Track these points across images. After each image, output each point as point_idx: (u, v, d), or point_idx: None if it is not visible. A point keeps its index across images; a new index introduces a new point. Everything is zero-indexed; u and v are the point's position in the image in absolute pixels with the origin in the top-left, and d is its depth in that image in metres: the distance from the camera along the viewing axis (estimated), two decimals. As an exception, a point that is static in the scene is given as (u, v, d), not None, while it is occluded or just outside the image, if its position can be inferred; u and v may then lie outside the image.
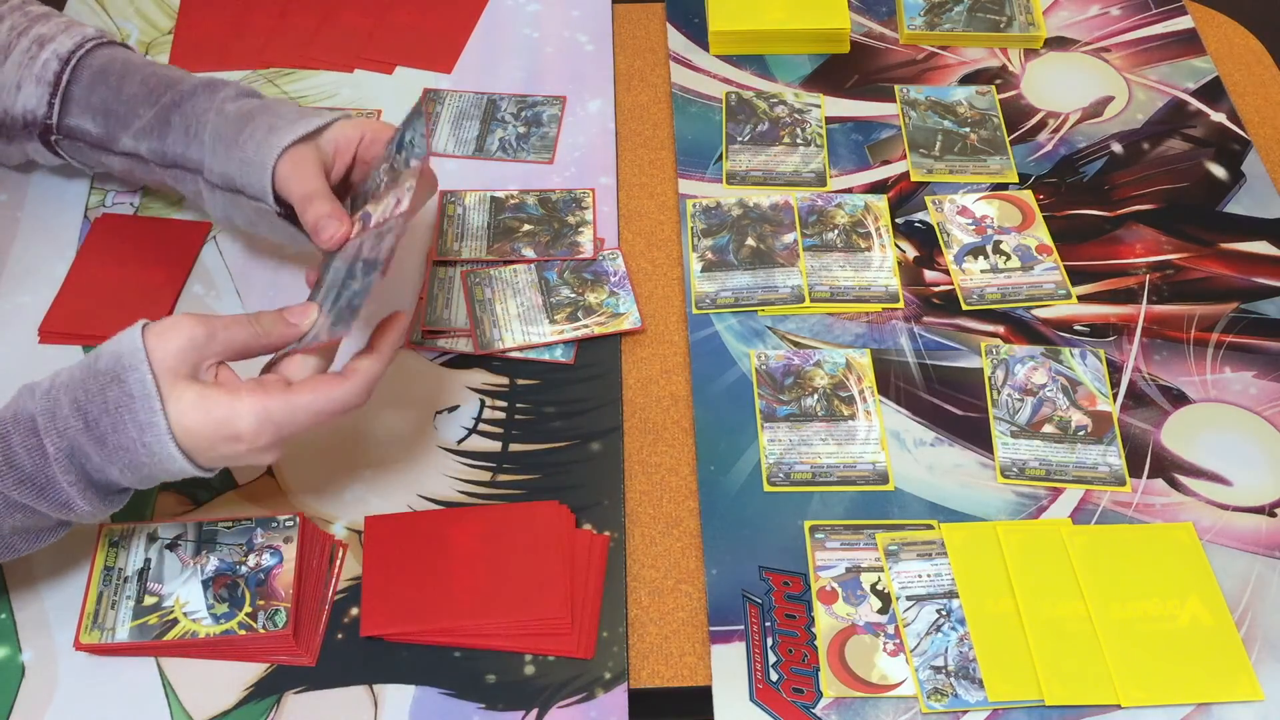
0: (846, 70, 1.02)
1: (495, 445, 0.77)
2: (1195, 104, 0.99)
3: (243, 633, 0.67)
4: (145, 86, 0.79)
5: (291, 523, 0.71)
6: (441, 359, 0.82)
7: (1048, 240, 0.89)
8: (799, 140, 0.95)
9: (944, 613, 0.69)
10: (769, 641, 0.68)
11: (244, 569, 0.69)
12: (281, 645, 0.67)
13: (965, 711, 0.66)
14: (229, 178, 0.76)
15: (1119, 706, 0.66)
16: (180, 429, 0.61)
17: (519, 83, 1.00)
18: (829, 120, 0.97)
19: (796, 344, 0.83)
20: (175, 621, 0.67)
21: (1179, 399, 0.80)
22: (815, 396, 0.79)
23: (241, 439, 0.62)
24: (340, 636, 0.69)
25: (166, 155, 0.79)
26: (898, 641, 0.68)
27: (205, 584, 0.68)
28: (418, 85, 0.99)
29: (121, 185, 0.91)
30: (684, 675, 0.69)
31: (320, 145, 0.75)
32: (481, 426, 0.78)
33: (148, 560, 0.70)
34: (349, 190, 0.77)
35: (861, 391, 0.80)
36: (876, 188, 0.92)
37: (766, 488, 0.75)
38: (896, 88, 1.00)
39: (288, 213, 0.75)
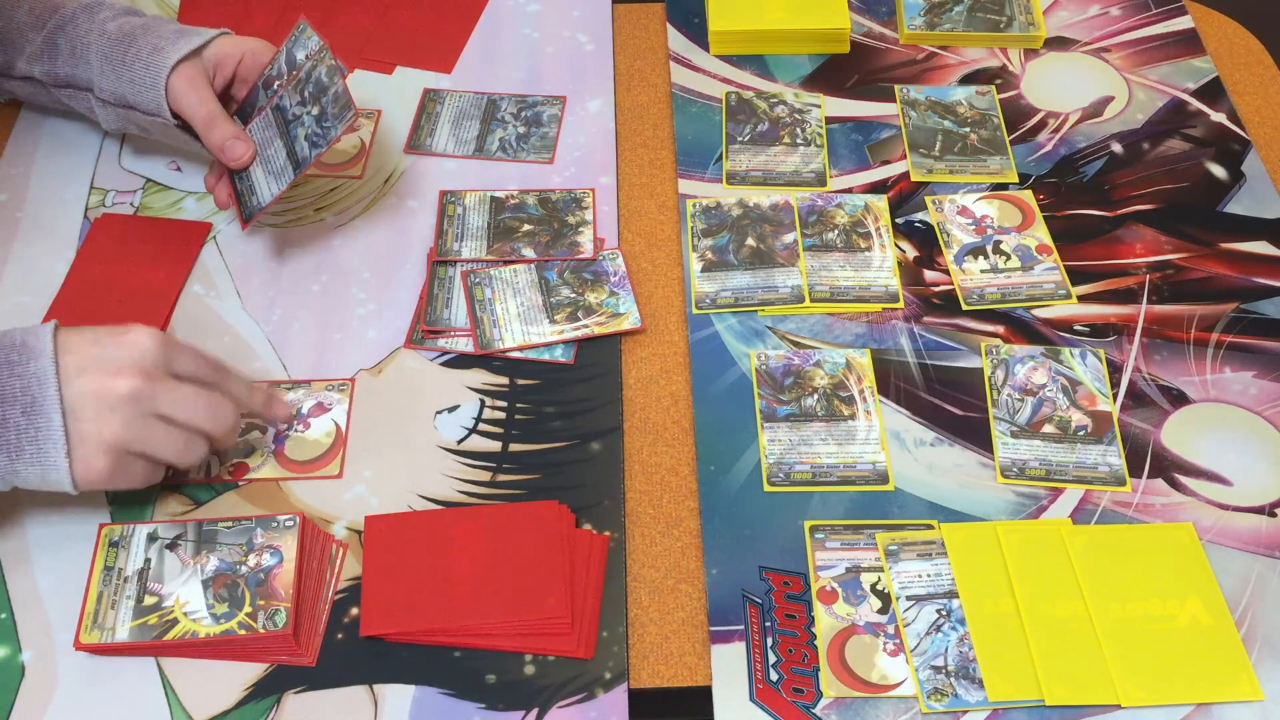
0: (846, 70, 1.02)
1: (495, 445, 0.77)
2: (1195, 104, 0.99)
3: (243, 633, 0.67)
4: (33, 14, 0.85)
5: (291, 523, 0.71)
6: (441, 359, 0.82)
7: (1048, 240, 0.89)
8: (799, 140, 0.95)
9: (944, 613, 0.69)
10: (769, 641, 0.68)
11: (244, 569, 0.69)
12: (281, 645, 0.67)
13: (965, 711, 0.66)
14: (120, 95, 0.82)
15: (1119, 706, 0.66)
16: (62, 336, 0.64)
17: (519, 83, 1.00)
18: (829, 120, 0.97)
19: (796, 344, 0.83)
20: (175, 621, 0.67)
21: (1179, 399, 0.80)
22: (815, 396, 0.79)
23: (123, 345, 0.64)
24: (340, 636, 0.69)
25: (58, 77, 0.85)
26: (898, 641, 0.68)
27: (205, 584, 0.68)
28: (418, 85, 0.99)
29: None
30: (684, 675, 0.69)
31: (203, 62, 0.81)
32: (481, 426, 0.78)
33: (148, 560, 0.70)
34: (228, 104, 0.84)
35: (861, 391, 0.80)
36: (876, 188, 0.92)
37: (766, 488, 0.75)
38: (896, 88, 1.00)
39: (183, 123, 0.82)
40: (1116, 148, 0.95)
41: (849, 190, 0.92)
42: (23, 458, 0.64)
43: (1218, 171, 0.94)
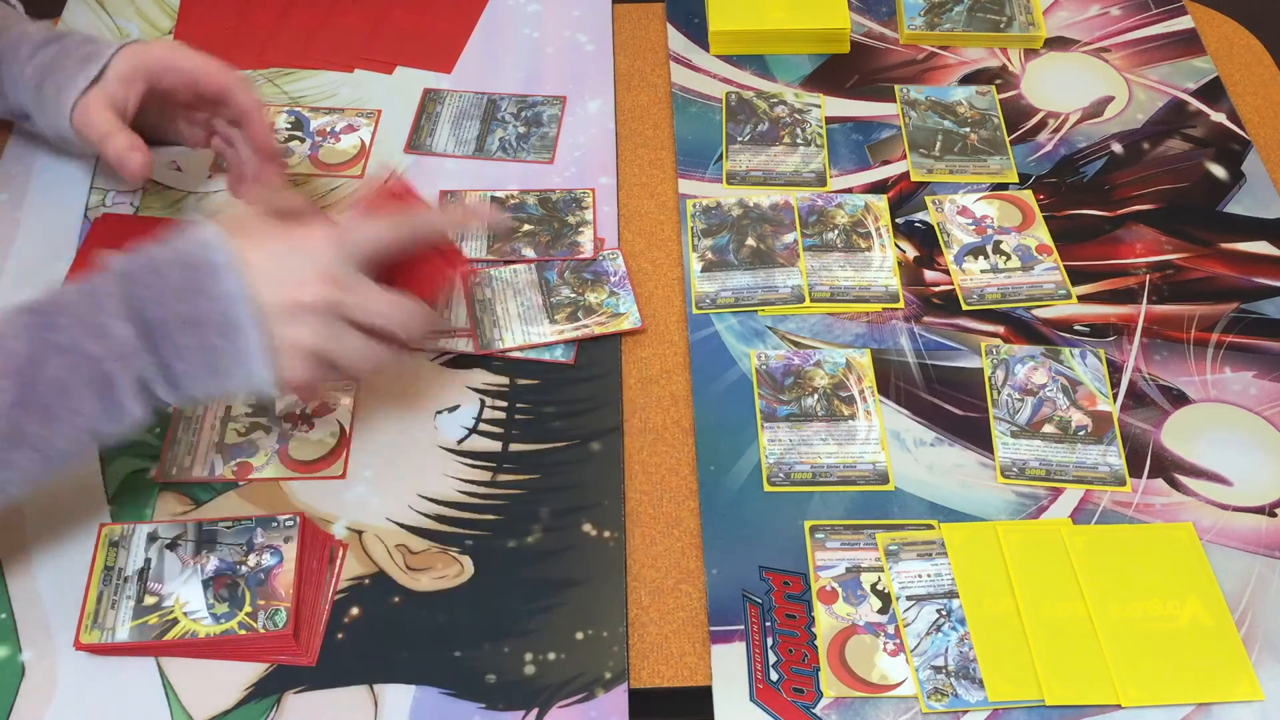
0: (846, 70, 1.02)
1: (495, 445, 0.77)
2: (1195, 104, 0.99)
3: (243, 633, 0.67)
4: None
5: (291, 523, 0.71)
6: (441, 359, 0.82)
7: (1048, 240, 0.89)
8: (799, 140, 0.95)
9: (944, 613, 0.69)
10: (769, 641, 0.68)
11: (244, 569, 0.69)
12: (281, 645, 0.67)
13: (965, 711, 0.66)
14: (53, 131, 0.83)
15: (1119, 706, 0.66)
16: (237, 248, 0.64)
17: (519, 83, 1.00)
18: (829, 120, 0.97)
19: (796, 344, 0.83)
20: (175, 621, 0.67)
21: (1179, 399, 0.80)
22: (815, 396, 0.79)
23: (301, 254, 0.65)
24: (340, 636, 0.69)
25: (10, 110, 0.86)
26: (898, 641, 0.68)
27: (205, 584, 0.69)
28: (418, 85, 0.99)
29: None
30: (684, 675, 0.69)
31: (105, 88, 0.80)
32: (482, 426, 0.78)
33: (148, 560, 0.70)
34: (172, 115, 0.85)
35: (861, 391, 0.80)
36: (876, 188, 0.92)
37: (766, 488, 0.75)
38: (896, 88, 1.00)
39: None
40: (1116, 148, 0.95)
41: (849, 190, 0.92)
42: (231, 376, 0.65)
43: (1218, 171, 0.94)
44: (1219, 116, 0.97)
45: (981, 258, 0.88)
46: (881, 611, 0.70)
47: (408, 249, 0.70)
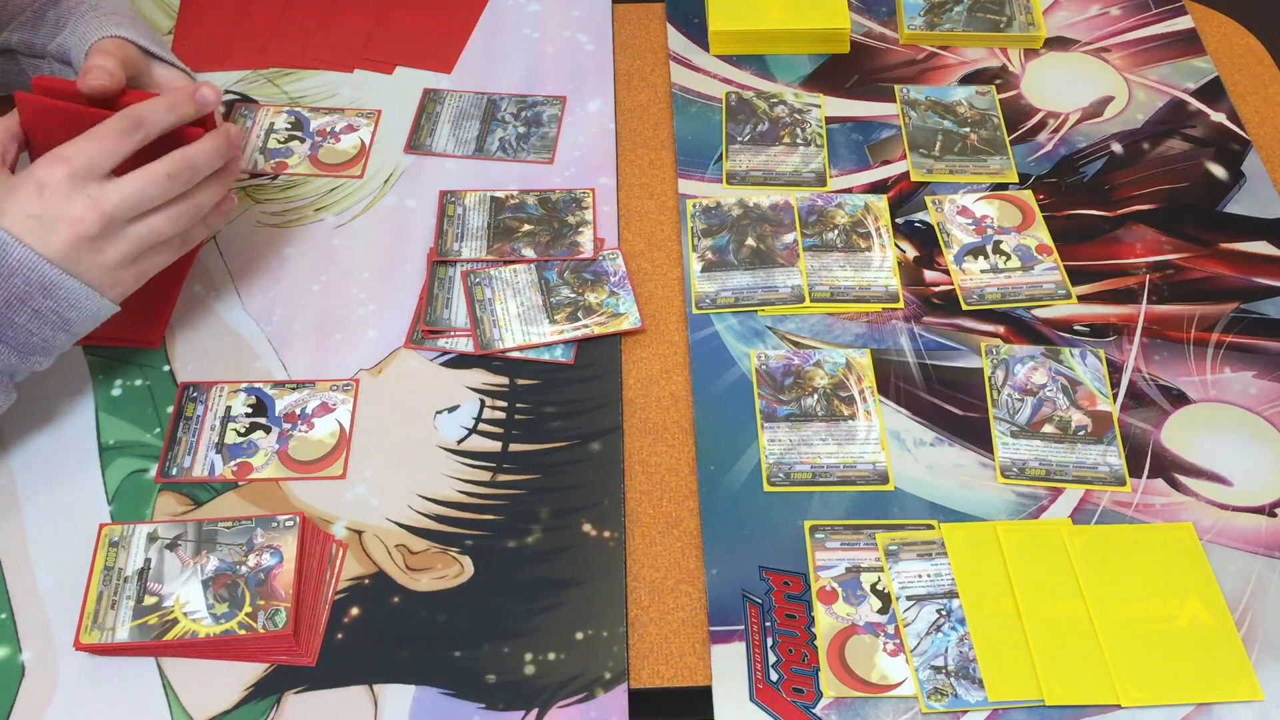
0: (846, 70, 1.02)
1: (495, 445, 0.77)
2: (1195, 104, 0.99)
3: (243, 633, 0.67)
4: None
5: (291, 523, 0.71)
6: (441, 359, 0.82)
7: (1048, 240, 0.89)
8: (799, 140, 0.95)
9: (944, 613, 0.69)
10: (769, 641, 0.68)
11: (244, 569, 0.69)
12: (281, 645, 0.67)
13: (965, 711, 0.66)
14: (64, 50, 0.80)
15: (1119, 706, 0.66)
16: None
17: (519, 83, 1.00)
18: (829, 120, 0.97)
19: (796, 344, 0.83)
20: (175, 621, 0.67)
21: (1179, 399, 0.80)
22: (815, 396, 0.79)
23: (50, 198, 0.66)
24: (340, 636, 0.69)
25: (34, 47, 0.83)
26: (898, 641, 0.68)
27: (205, 584, 0.69)
28: (418, 85, 0.99)
29: None
30: (684, 675, 0.69)
31: (151, 70, 0.78)
32: (481, 426, 0.78)
33: (148, 560, 0.70)
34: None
35: (861, 391, 0.80)
36: (876, 188, 0.92)
37: (766, 488, 0.75)
38: (896, 88, 1.00)
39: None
40: (1116, 148, 0.95)
41: (849, 190, 0.92)
42: (76, 321, 0.69)
43: (1218, 171, 0.94)
44: (1219, 116, 0.97)
45: (981, 258, 0.88)
46: (881, 611, 0.70)
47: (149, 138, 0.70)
